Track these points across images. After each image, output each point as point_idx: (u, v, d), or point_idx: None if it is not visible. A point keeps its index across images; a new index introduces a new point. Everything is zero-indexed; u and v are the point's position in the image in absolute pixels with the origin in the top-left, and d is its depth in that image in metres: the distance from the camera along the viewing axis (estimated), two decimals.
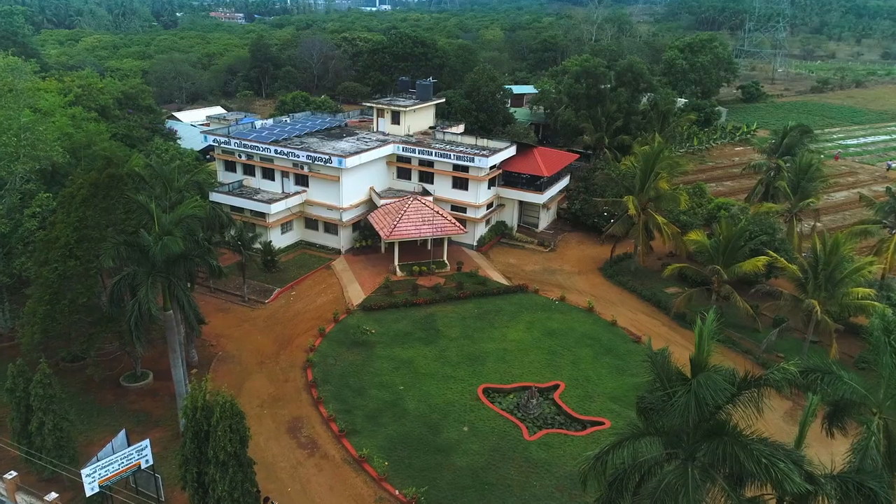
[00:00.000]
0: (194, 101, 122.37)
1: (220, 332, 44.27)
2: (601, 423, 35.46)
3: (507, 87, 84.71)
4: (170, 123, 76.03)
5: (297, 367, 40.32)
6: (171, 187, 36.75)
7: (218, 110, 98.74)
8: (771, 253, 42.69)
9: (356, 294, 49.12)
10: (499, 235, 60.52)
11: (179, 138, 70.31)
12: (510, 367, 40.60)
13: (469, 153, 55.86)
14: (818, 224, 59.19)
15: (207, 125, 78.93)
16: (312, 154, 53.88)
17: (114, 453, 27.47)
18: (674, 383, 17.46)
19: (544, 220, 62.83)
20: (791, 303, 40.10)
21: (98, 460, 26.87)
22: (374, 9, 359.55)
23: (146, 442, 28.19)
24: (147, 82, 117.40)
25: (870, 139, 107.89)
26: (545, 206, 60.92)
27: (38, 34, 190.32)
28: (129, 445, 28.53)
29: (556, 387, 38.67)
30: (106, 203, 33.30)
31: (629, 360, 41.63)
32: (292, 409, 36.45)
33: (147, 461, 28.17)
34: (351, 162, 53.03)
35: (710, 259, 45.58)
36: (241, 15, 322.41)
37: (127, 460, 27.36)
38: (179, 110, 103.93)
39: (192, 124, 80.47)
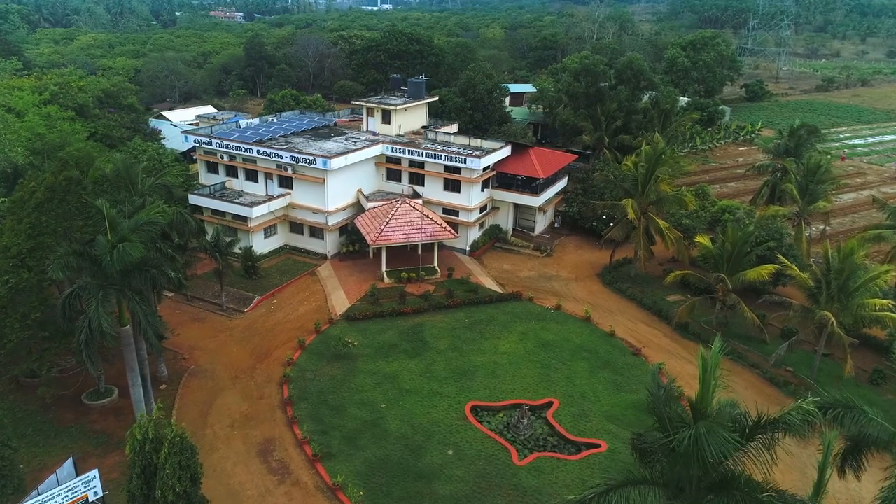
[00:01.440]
0: (188, 100, 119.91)
1: (195, 343, 41.74)
2: (597, 446, 32.81)
3: (503, 85, 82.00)
4: (155, 123, 73.44)
5: (274, 383, 37.75)
6: (135, 191, 34.20)
7: (208, 109, 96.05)
8: (783, 260, 39.92)
9: (340, 302, 46.56)
10: (493, 240, 57.90)
11: (163, 138, 67.84)
12: (501, 382, 38.00)
13: (461, 154, 53.28)
14: (828, 228, 56.60)
15: (196, 125, 76.34)
16: (296, 155, 51.33)
17: (59, 485, 24.97)
18: (676, 427, 14.81)
19: (541, 224, 60.22)
20: (802, 314, 37.46)
21: (39, 494, 24.37)
22: (375, 8, 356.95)
23: (94, 473, 25.64)
24: (139, 81, 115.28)
25: (877, 139, 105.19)
26: (541, 209, 58.30)
27: (34, 33, 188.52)
28: (77, 475, 26.01)
29: (549, 404, 36.06)
30: (62, 208, 30.77)
31: (628, 375, 39.06)
32: (265, 430, 33.88)
33: (96, 493, 25.60)
34: (336, 163, 50.48)
35: (714, 266, 43.03)
36: (241, 14, 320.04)
37: (72, 493, 24.82)
38: (171, 109, 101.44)
39: (172, 124, 77.72)
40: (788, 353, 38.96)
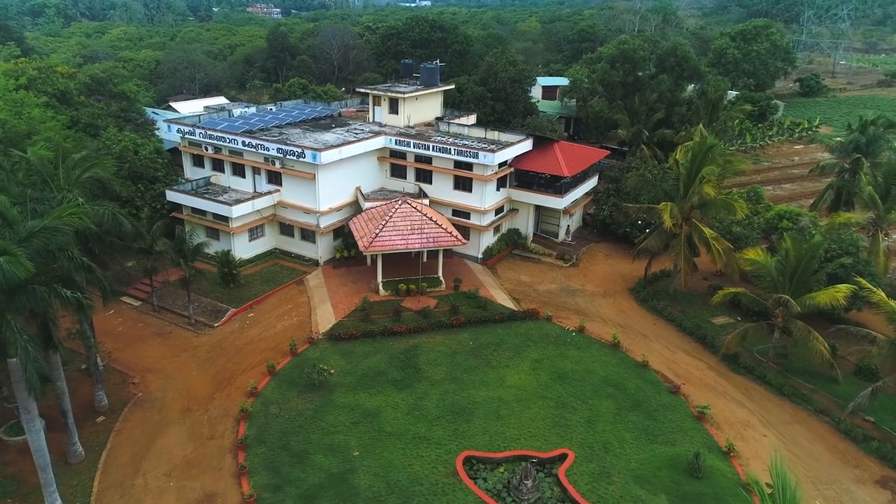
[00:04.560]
0: (208, 92, 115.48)
1: (150, 364, 35.76)
2: None
3: (530, 74, 74.56)
4: (149, 112, 68.18)
5: (231, 418, 31.48)
6: (53, 186, 28.22)
7: (221, 100, 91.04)
8: (863, 282, 31.84)
9: (326, 318, 40.09)
10: (510, 246, 50.80)
11: (158, 129, 62.47)
12: (505, 425, 30.99)
13: (473, 148, 46.30)
14: None
15: None
16: (283, 147, 45.05)
17: None
18: None
19: (565, 229, 52.81)
20: (889, 351, 29.56)
21: None
22: (413, 4, 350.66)
23: None
24: (159, 73, 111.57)
25: None
26: (567, 211, 50.90)
27: (69, 27, 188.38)
28: None
29: (562, 457, 28.95)
30: None
31: (663, 420, 31.69)
32: (207, 481, 27.57)
33: None
34: (328, 157, 44.04)
35: (772, 285, 35.28)
36: (278, 10, 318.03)
37: None
38: (186, 100, 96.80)
39: (155, 111, 72.75)
40: (870, 401, 30.97)
